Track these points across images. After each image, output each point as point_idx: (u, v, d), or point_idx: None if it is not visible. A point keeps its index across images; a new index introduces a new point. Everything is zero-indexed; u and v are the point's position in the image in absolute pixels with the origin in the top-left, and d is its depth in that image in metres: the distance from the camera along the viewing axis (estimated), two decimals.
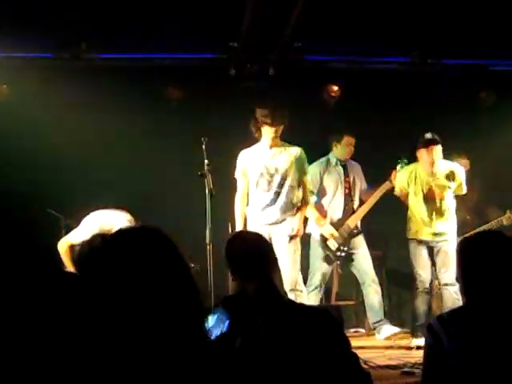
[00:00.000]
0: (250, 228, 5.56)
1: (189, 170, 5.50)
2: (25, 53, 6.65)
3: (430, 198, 6.00)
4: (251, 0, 5.84)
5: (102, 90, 6.61)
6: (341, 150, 6.34)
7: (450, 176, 6.03)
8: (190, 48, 6.92)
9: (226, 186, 5.86)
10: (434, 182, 6.00)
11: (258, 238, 3.11)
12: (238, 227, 5.64)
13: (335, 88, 7.35)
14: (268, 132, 5.61)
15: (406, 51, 7.24)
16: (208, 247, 5.13)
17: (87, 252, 1.71)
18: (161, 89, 7.04)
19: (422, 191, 6.02)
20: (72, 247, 5.51)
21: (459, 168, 6.14)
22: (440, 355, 2.30)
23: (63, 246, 5.55)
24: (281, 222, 5.56)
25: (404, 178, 6.11)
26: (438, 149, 5.96)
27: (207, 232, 5.14)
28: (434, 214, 6.00)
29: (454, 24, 6.55)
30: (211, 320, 1.93)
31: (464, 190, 6.13)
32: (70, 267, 5.42)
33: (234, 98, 6.99)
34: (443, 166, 6.03)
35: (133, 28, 6.31)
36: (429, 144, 5.94)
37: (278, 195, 5.61)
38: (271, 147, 5.67)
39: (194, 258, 5.02)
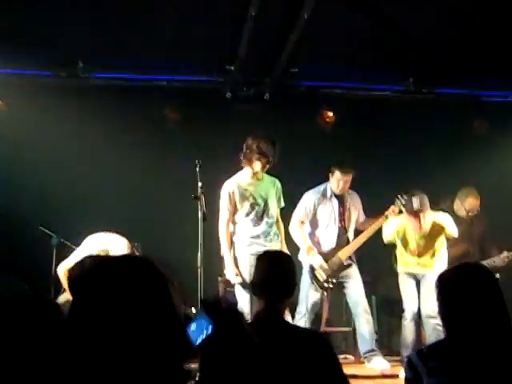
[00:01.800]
0: (239, 257, 5.56)
1: (183, 192, 5.49)
2: (22, 70, 6.66)
3: (419, 251, 6.06)
4: (249, 25, 5.88)
5: (98, 109, 6.63)
6: (332, 182, 6.16)
7: (438, 229, 6.03)
8: (187, 70, 6.96)
9: (219, 208, 5.85)
10: (423, 239, 6.03)
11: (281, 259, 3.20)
12: (226, 255, 5.62)
13: (330, 114, 7.38)
14: (258, 165, 5.60)
15: (400, 79, 7.30)
16: (199, 270, 5.11)
17: (78, 273, 1.71)
18: (157, 110, 7.06)
19: (411, 246, 6.07)
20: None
21: (446, 219, 6.09)
22: None
23: (62, 270, 5.49)
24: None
25: (392, 233, 6.13)
26: (426, 215, 5.91)
27: (199, 255, 5.12)
28: (422, 259, 6.05)
29: (449, 54, 6.63)
30: (193, 325, 1.92)
31: (455, 235, 6.11)
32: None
33: (229, 121, 7.02)
34: (430, 219, 5.98)
35: (130, 49, 6.34)
36: (416, 213, 5.91)
37: (270, 225, 5.65)
38: (254, 177, 5.67)
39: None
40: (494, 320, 2.31)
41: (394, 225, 6.11)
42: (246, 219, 5.64)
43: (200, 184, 5.23)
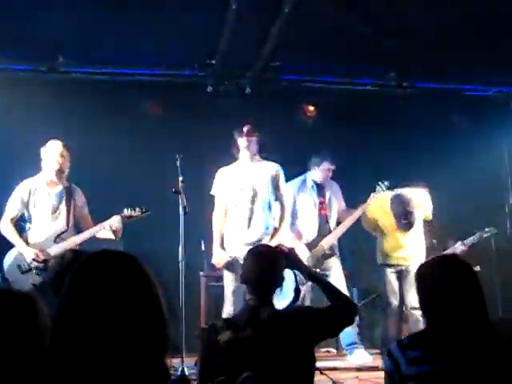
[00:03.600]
0: (228, 248, 5.52)
1: (163, 186, 5.47)
2: (1, 64, 6.60)
3: (397, 231, 6.08)
4: (230, 18, 5.87)
5: (78, 103, 6.59)
6: (318, 173, 6.31)
7: (418, 205, 6.09)
8: (168, 64, 6.93)
9: (200, 203, 5.83)
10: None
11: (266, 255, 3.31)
12: (216, 245, 5.61)
13: (311, 108, 7.39)
14: (241, 144, 5.63)
15: (381, 74, 7.32)
16: (180, 264, 5.10)
17: (57, 268, 1.69)
18: (138, 104, 7.03)
19: (390, 225, 6.10)
20: (14, 222, 5.43)
21: (425, 196, 6.19)
22: (398, 381, 2.31)
23: (5, 224, 5.40)
24: (259, 241, 5.37)
25: (372, 212, 6.20)
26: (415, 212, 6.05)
27: (180, 249, 5.11)
28: (402, 242, 6.09)
29: (430, 48, 6.65)
30: None
31: (431, 216, 6.20)
32: (18, 243, 5.32)
33: (211, 115, 7.01)
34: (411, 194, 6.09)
35: (111, 43, 6.30)
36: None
37: (255, 213, 5.57)
38: (248, 164, 5.66)
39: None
40: (473, 312, 2.34)
41: (375, 205, 6.18)
42: (235, 207, 5.61)
43: (181, 178, 5.23)
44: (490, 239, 6.56)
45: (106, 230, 5.34)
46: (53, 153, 5.45)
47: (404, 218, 5.94)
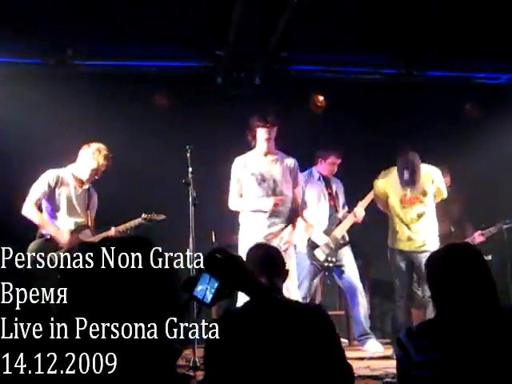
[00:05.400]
0: (249, 239, 5.43)
1: (173, 177, 5.47)
2: (10, 58, 6.62)
3: (407, 204, 5.91)
4: (238, 9, 5.85)
5: (87, 96, 6.60)
6: (324, 166, 6.37)
7: (427, 179, 5.96)
8: (177, 56, 6.93)
9: (210, 194, 5.84)
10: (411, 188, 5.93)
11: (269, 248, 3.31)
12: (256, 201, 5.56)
13: (321, 98, 7.37)
14: (261, 134, 5.52)
15: (390, 62, 7.28)
16: (191, 256, 5.10)
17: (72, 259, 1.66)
18: (147, 96, 7.03)
19: (400, 197, 5.93)
20: (38, 206, 5.46)
21: (436, 171, 6.06)
22: (408, 368, 2.32)
23: (29, 207, 5.41)
24: (278, 232, 5.41)
25: (382, 185, 6.08)
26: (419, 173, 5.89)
27: (190, 241, 5.12)
28: (412, 220, 5.89)
29: (439, 36, 6.62)
30: (198, 286, 1.93)
31: (445, 194, 6.04)
32: (43, 224, 5.39)
33: (220, 106, 7.00)
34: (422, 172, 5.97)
35: (119, 36, 6.31)
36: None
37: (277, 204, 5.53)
38: (266, 154, 5.60)
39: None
40: (483, 299, 2.34)
41: (384, 178, 6.08)
42: (253, 197, 5.55)
43: (190, 169, 5.22)
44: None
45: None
46: (96, 153, 5.52)
47: (407, 174, 5.81)
